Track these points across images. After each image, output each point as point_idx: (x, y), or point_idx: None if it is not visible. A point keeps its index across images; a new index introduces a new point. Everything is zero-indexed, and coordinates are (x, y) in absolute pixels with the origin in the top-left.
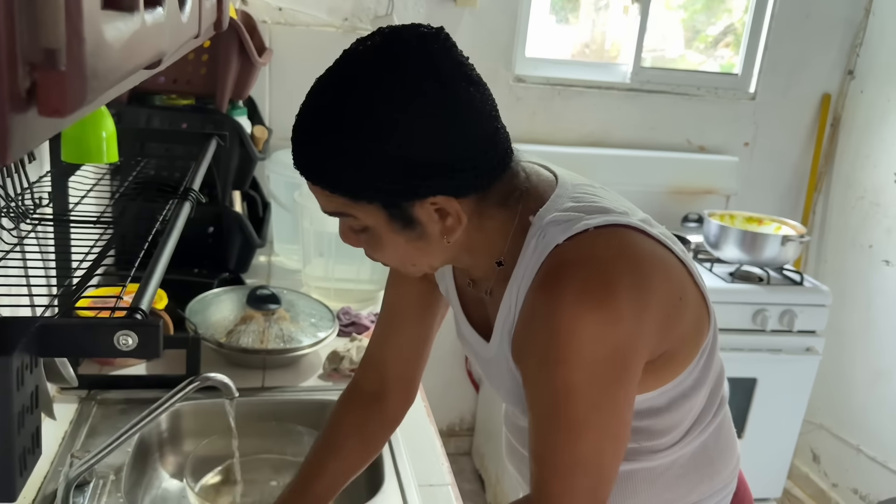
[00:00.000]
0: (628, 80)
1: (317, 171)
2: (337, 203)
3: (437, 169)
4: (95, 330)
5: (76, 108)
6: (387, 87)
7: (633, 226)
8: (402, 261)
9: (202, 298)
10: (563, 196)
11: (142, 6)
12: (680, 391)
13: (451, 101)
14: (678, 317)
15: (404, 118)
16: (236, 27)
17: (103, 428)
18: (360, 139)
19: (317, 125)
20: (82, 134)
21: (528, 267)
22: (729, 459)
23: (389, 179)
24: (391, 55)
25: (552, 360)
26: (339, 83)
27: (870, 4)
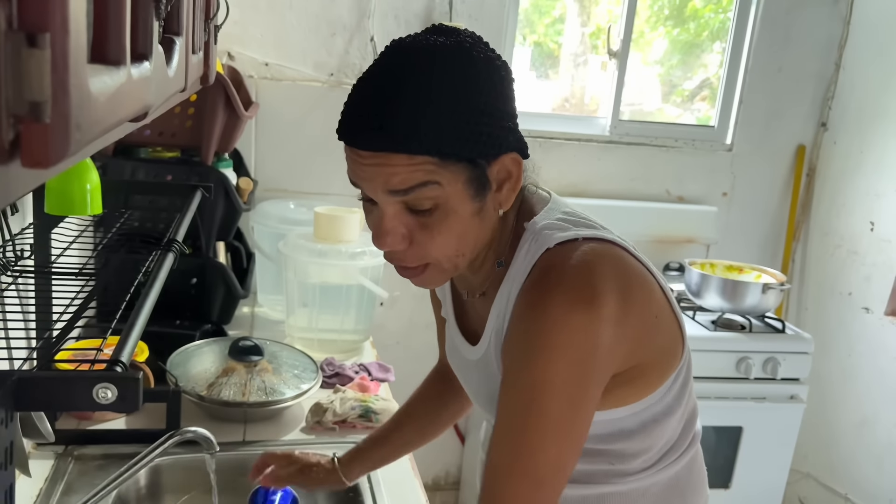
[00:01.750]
0: (607, 133)
1: (407, 134)
2: (422, 171)
3: (513, 124)
4: (74, 383)
5: (59, 160)
6: (458, 47)
7: (620, 244)
8: (455, 246)
9: (183, 351)
10: (556, 210)
11: (128, 60)
12: (651, 415)
13: (508, 67)
14: (653, 332)
15: (483, 71)
16: (223, 81)
17: (80, 485)
18: (451, 90)
19: (401, 83)
20: (66, 186)
21: (520, 269)
22: (698, 495)
23: (482, 130)
24: (448, 29)
25: (534, 352)
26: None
27: (840, 59)
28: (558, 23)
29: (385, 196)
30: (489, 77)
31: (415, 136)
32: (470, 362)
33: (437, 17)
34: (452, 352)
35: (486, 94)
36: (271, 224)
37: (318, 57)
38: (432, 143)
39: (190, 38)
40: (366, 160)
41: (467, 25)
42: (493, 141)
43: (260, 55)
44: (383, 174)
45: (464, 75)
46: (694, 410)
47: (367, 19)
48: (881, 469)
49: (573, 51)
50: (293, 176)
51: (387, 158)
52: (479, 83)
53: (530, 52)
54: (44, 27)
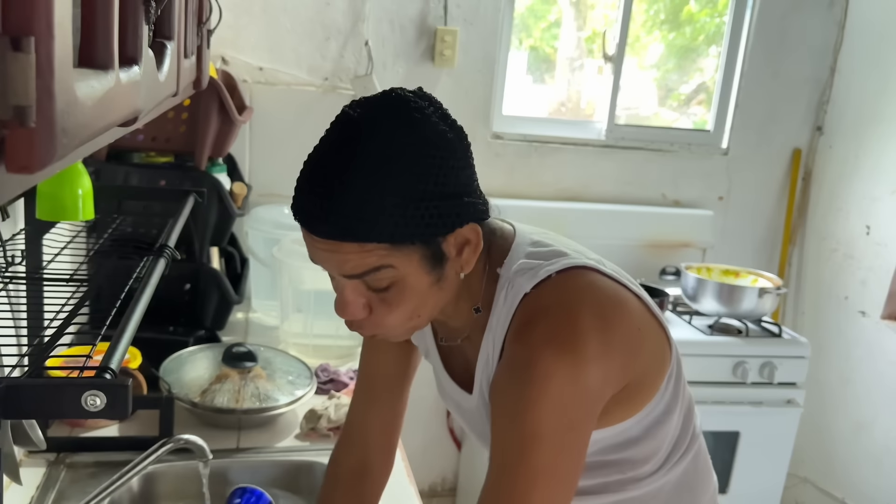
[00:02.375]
0: (603, 137)
1: (356, 223)
2: (375, 256)
3: (470, 196)
4: (62, 390)
5: (45, 165)
6: (407, 127)
7: (588, 266)
8: (412, 313)
9: (177, 357)
10: (523, 245)
11: (117, 65)
12: (653, 418)
13: (461, 135)
14: (639, 347)
15: (435, 151)
16: (216, 86)
17: (72, 493)
18: (400, 180)
19: (351, 171)
20: (58, 191)
21: (501, 316)
22: (707, 488)
23: (433, 212)
24: (398, 102)
25: (523, 407)
26: (356, 136)
27: (835, 63)
28: (554, 27)
29: (341, 277)
30: (442, 156)
31: (364, 226)
32: (469, 410)
33: (431, 21)
34: (445, 395)
35: (438, 175)
36: (266, 229)
37: (312, 61)
38: (383, 232)
39: (182, 43)
40: (318, 244)
41: (462, 30)
42: (446, 221)
43: (254, 59)
44: (335, 259)
45: (415, 159)
46: (690, 402)
47: (362, 24)
48: (879, 473)
49: (569, 55)
50: (288, 181)
51: (338, 246)
52: (432, 165)
53: (526, 56)
54: (28, 31)
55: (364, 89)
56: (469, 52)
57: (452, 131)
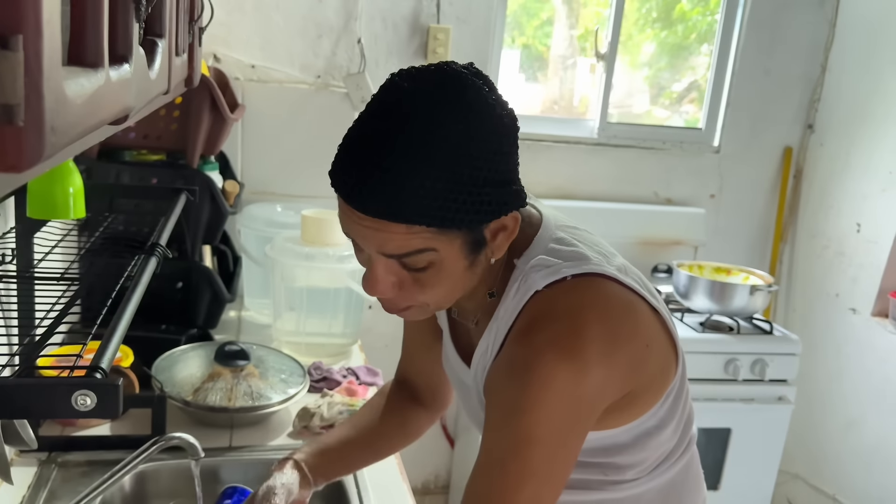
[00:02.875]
0: (596, 135)
1: (409, 205)
2: (420, 238)
3: (514, 182)
4: (52, 390)
5: (33, 164)
6: (466, 109)
7: (608, 275)
8: (446, 295)
9: (169, 356)
10: (546, 238)
11: (107, 63)
12: (644, 429)
13: (513, 118)
14: (644, 362)
15: (489, 131)
16: (208, 84)
17: (63, 492)
18: (457, 164)
19: (404, 156)
20: (49, 189)
21: (509, 309)
22: (696, 499)
23: (486, 199)
24: (457, 80)
25: (520, 409)
26: (411, 112)
27: (826, 61)
28: (546, 25)
29: (378, 254)
30: (498, 141)
31: (416, 208)
32: (466, 384)
33: (424, 19)
34: (447, 365)
35: (493, 161)
36: (258, 227)
37: (304, 59)
38: (434, 216)
39: (173, 40)
40: (361, 221)
41: (455, 28)
42: (495, 208)
43: (246, 57)
44: (378, 238)
45: (469, 141)
46: (689, 417)
47: (355, 21)
48: (869, 469)
49: (561, 53)
50: (280, 179)
51: (384, 225)
52: (488, 150)
53: (519, 54)
54: (16, 29)
55: (357, 87)
56: (462, 50)
57: (507, 114)
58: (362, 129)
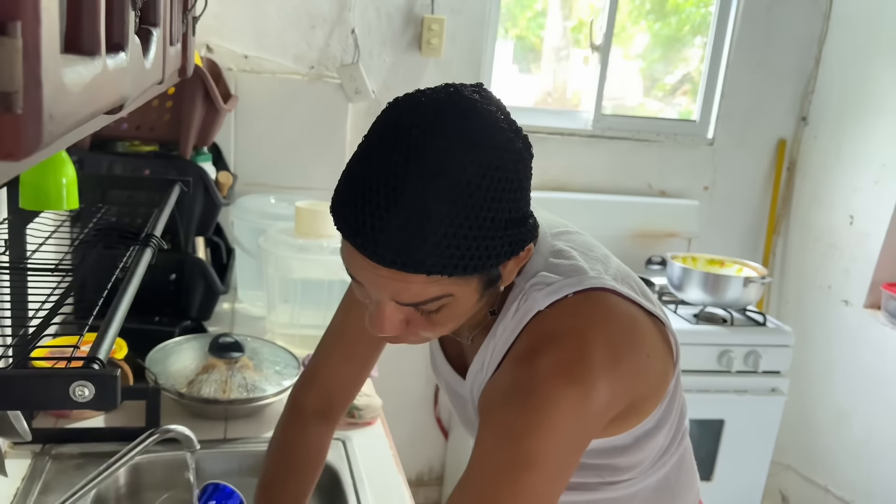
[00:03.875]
0: (590, 127)
1: (431, 258)
2: (438, 286)
3: (531, 216)
4: (50, 381)
5: (31, 152)
6: (483, 148)
7: (607, 287)
8: (454, 327)
9: (163, 348)
10: (544, 251)
11: (103, 51)
12: (644, 431)
13: (527, 143)
14: (645, 373)
15: (510, 175)
16: (201, 74)
17: (57, 484)
18: (478, 210)
19: (421, 206)
20: (41, 180)
21: (508, 328)
22: (690, 490)
23: (506, 241)
24: (468, 111)
25: (520, 431)
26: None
27: (819, 54)
28: (540, 17)
29: (389, 300)
30: (517, 178)
31: (437, 260)
32: (461, 395)
33: (418, 10)
34: (438, 373)
35: (512, 200)
36: (251, 219)
37: (298, 49)
38: (455, 266)
39: (167, 30)
40: (375, 270)
41: (449, 19)
42: (514, 248)
43: (239, 48)
44: (393, 287)
45: (490, 182)
46: (683, 410)
47: (348, 12)
48: (860, 460)
49: (555, 45)
50: (273, 170)
51: (400, 276)
52: (508, 190)
53: (512, 45)
54: (15, 15)
55: (350, 78)
56: (456, 41)
57: (522, 143)
58: (372, 169)
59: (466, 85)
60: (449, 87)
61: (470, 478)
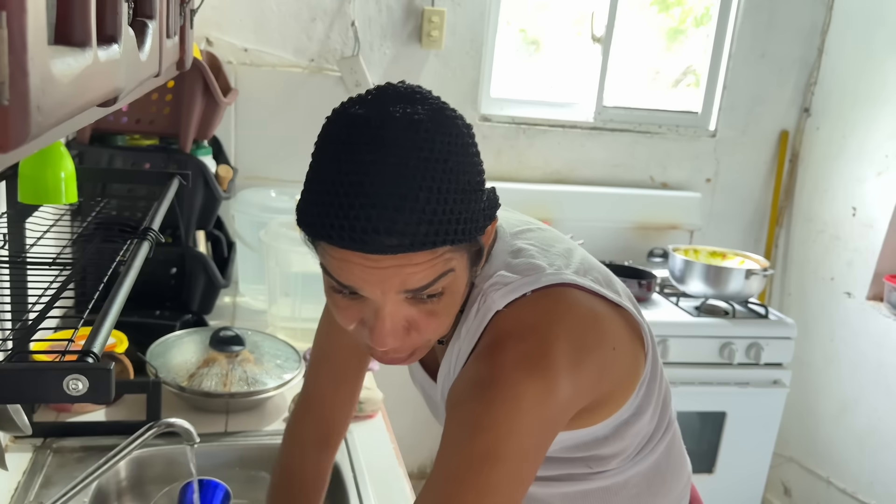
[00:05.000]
0: (591, 119)
1: (432, 228)
2: (442, 260)
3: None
4: (43, 375)
5: (19, 144)
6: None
7: (567, 282)
8: (449, 322)
9: (164, 341)
10: (502, 250)
11: (94, 42)
12: (621, 420)
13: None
14: (611, 366)
15: (468, 140)
16: (201, 67)
17: (59, 477)
18: (456, 173)
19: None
20: (40, 174)
21: (471, 330)
22: (680, 476)
23: (485, 203)
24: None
25: (483, 425)
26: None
27: (822, 44)
28: (542, 8)
29: (395, 295)
30: (471, 140)
31: (438, 230)
32: (433, 398)
33: (418, 2)
34: (414, 379)
35: (476, 163)
36: (252, 212)
37: (298, 42)
38: (455, 232)
39: (164, 22)
40: (378, 263)
41: (450, 11)
42: (490, 211)
43: (239, 40)
44: (400, 275)
45: (456, 149)
46: (666, 396)
47: (348, 4)
48: (862, 452)
49: (557, 36)
50: (274, 163)
51: (406, 259)
52: (471, 154)
53: (514, 37)
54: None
55: (351, 71)
56: (457, 33)
57: (464, 120)
58: (346, 168)
59: (395, 83)
60: (380, 86)
61: (435, 474)
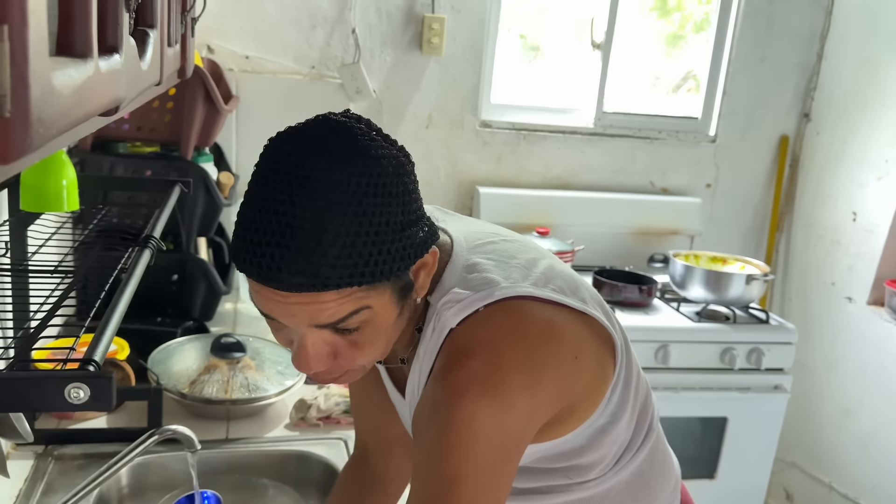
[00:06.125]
0: (591, 125)
1: (336, 270)
2: (352, 300)
3: (424, 217)
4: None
5: (20, 156)
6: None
7: (522, 295)
8: (382, 350)
9: (165, 348)
10: (457, 266)
11: (95, 53)
12: (597, 428)
13: (405, 152)
14: (575, 375)
15: (394, 176)
16: (202, 75)
17: (60, 485)
18: (371, 216)
19: (313, 223)
20: (41, 182)
21: (428, 349)
22: (666, 483)
23: (407, 243)
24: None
25: (445, 450)
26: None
27: (822, 50)
28: (542, 14)
29: (308, 328)
30: (402, 182)
31: (343, 272)
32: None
33: (419, 9)
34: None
35: (403, 203)
36: None
37: (298, 49)
38: (363, 274)
39: (165, 31)
40: (286, 299)
41: (451, 18)
42: (417, 249)
43: (240, 48)
44: (307, 311)
45: (375, 189)
46: (645, 401)
47: (349, 11)
48: (864, 457)
49: (557, 42)
50: None
51: (311, 297)
52: (396, 194)
53: (514, 43)
54: (2, 18)
55: (351, 77)
56: (457, 40)
57: (399, 151)
58: (259, 204)
59: (336, 113)
60: (318, 116)
61: (410, 500)
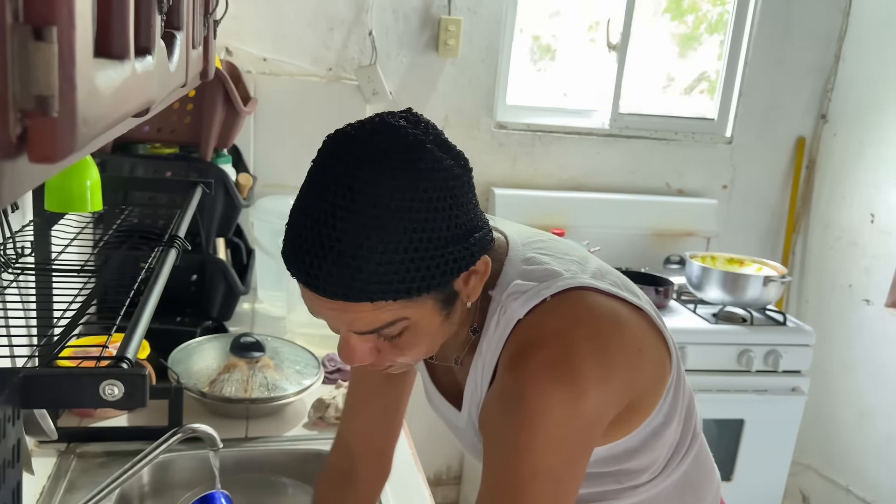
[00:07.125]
0: (607, 126)
1: (371, 285)
2: (388, 312)
3: (476, 229)
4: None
5: (66, 155)
6: (413, 171)
7: (585, 286)
8: (426, 350)
9: (185, 347)
10: (516, 261)
11: (132, 55)
12: (651, 429)
13: (462, 161)
14: (639, 368)
15: (444, 193)
16: (221, 77)
17: (82, 482)
18: (413, 233)
19: (356, 238)
20: (66, 183)
21: (493, 343)
22: (710, 486)
23: (450, 258)
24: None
25: (520, 443)
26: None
27: (839, 51)
28: (557, 15)
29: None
30: (453, 195)
31: (377, 287)
32: (459, 427)
33: (435, 11)
34: (434, 407)
35: (450, 218)
36: (271, 220)
37: (316, 51)
38: (398, 290)
39: (190, 33)
40: (325, 304)
41: (467, 20)
42: (461, 263)
43: (258, 50)
44: (346, 318)
45: (420, 204)
46: (690, 403)
47: (366, 13)
48: (881, 460)
49: (572, 43)
50: (293, 171)
51: (348, 306)
52: (443, 208)
53: (529, 44)
54: (50, 20)
55: (368, 79)
56: (473, 42)
57: (454, 160)
58: (308, 207)
59: (395, 112)
60: (375, 117)
61: (486, 497)
